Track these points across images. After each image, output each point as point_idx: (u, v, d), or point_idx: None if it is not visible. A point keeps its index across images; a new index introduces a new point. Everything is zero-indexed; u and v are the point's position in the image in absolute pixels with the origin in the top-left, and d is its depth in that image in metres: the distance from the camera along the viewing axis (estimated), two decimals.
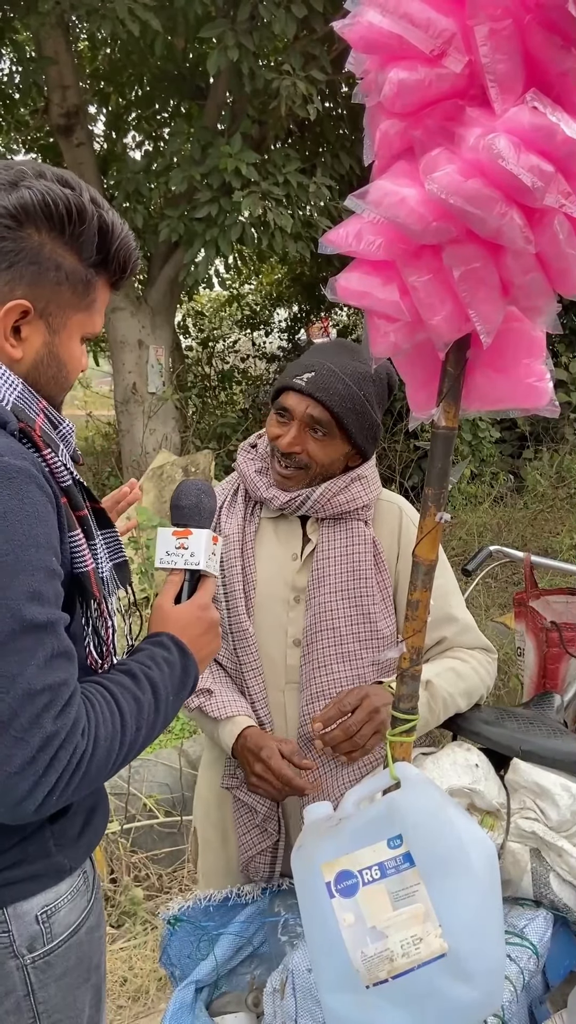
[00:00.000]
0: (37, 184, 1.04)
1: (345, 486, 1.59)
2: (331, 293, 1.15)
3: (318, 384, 1.54)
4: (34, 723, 0.91)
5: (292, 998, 1.31)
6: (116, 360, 7.15)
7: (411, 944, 1.12)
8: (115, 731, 1.01)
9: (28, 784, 0.91)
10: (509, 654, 3.63)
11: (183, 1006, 1.44)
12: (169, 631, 1.16)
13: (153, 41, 5.54)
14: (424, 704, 1.53)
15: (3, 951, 1.08)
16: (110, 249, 1.12)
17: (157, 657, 1.11)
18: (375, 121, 1.08)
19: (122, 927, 2.75)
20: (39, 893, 1.10)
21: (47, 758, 0.92)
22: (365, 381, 1.57)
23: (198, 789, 1.79)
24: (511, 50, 0.96)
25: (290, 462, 1.58)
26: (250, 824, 1.61)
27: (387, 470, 7.19)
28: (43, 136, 7.80)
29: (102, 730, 0.99)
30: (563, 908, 1.43)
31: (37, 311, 1.07)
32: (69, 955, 1.13)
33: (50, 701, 0.93)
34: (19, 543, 0.94)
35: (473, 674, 1.61)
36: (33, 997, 1.10)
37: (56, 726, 0.93)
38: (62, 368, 1.12)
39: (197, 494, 1.25)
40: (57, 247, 1.07)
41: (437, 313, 1.07)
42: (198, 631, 1.18)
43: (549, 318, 1.11)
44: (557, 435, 7.83)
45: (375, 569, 1.61)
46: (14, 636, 0.92)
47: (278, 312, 11.01)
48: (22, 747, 0.90)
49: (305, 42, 5.87)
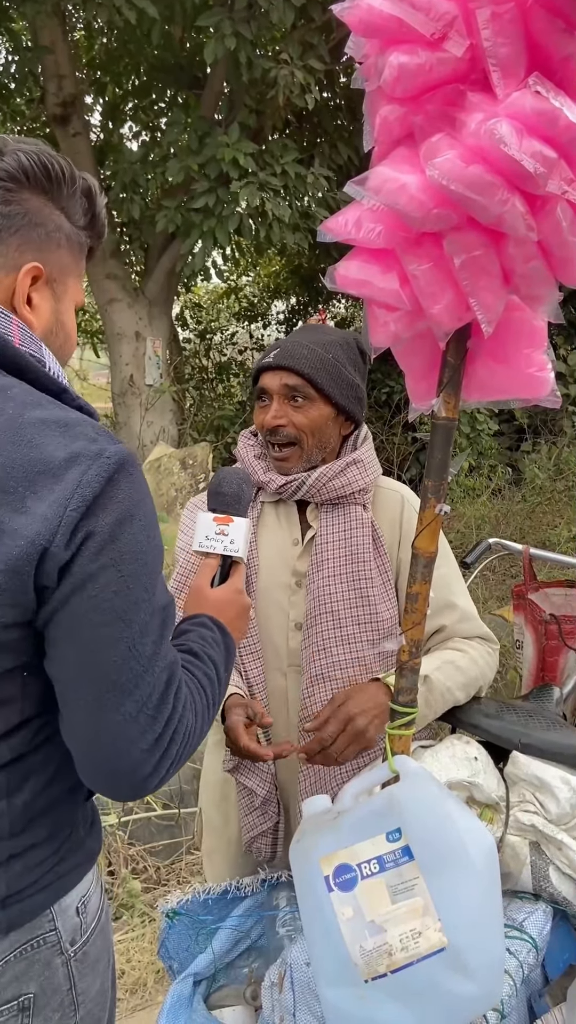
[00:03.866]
0: (26, 147, 1.02)
1: (341, 470, 1.60)
2: (330, 282, 1.14)
3: (285, 355, 1.58)
4: (162, 700, 0.94)
5: (290, 992, 1.30)
6: (113, 352, 7.12)
7: (410, 938, 1.12)
8: (204, 706, 1.05)
9: (155, 760, 0.94)
10: (507, 647, 3.63)
11: (181, 999, 1.44)
12: (208, 612, 1.19)
13: (150, 30, 5.50)
14: (421, 698, 1.52)
15: (51, 950, 1.04)
16: (95, 212, 1.11)
17: (207, 638, 1.14)
18: (375, 106, 1.06)
19: (120, 919, 2.75)
20: (79, 883, 1.09)
21: (170, 733, 0.95)
22: (331, 346, 1.61)
23: (204, 771, 1.81)
24: (513, 34, 0.94)
25: (280, 439, 1.59)
26: (251, 806, 1.63)
27: (385, 463, 7.18)
28: (39, 126, 7.73)
29: (199, 705, 1.03)
30: (562, 901, 1.42)
31: (46, 276, 1.04)
32: (97, 942, 1.12)
33: (170, 678, 0.96)
34: (154, 525, 0.96)
35: (472, 666, 1.61)
36: (75, 991, 1.08)
37: (175, 703, 0.96)
38: (68, 338, 1.10)
39: (239, 483, 1.29)
40: (54, 210, 1.05)
41: (437, 302, 1.06)
42: (233, 613, 1.23)
43: (551, 307, 1.10)
44: (555, 428, 7.81)
45: (374, 553, 1.61)
46: (154, 615, 0.94)
47: (276, 304, 10.97)
48: (154, 724, 0.94)
49: (303, 31, 5.83)
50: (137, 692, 0.92)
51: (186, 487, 5.31)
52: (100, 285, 6.80)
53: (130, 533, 0.92)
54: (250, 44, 5.36)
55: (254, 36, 5.36)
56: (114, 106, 7.67)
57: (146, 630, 0.93)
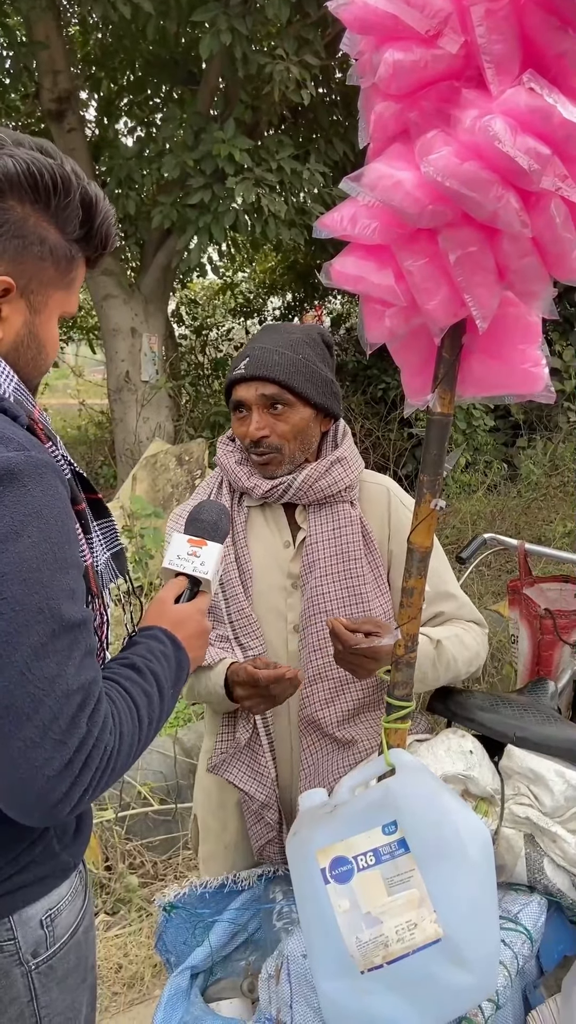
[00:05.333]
0: (20, 153, 0.98)
1: (326, 470, 1.60)
2: (326, 278, 1.14)
3: (257, 364, 1.56)
4: (71, 724, 0.89)
5: (287, 984, 1.31)
6: (109, 348, 7.10)
7: (406, 930, 1.13)
8: (134, 726, 0.99)
9: (65, 787, 0.89)
10: (503, 641, 3.64)
11: (178, 992, 1.44)
12: (164, 625, 1.15)
13: (145, 25, 5.48)
14: (430, 660, 1.55)
15: (8, 959, 1.05)
16: (93, 224, 1.08)
17: (155, 650, 1.10)
18: (370, 103, 1.07)
19: (117, 914, 2.76)
20: (44, 896, 1.08)
21: (83, 759, 0.90)
22: (299, 345, 1.60)
23: (198, 776, 1.79)
24: (508, 31, 0.95)
25: (263, 449, 1.58)
26: (255, 814, 1.62)
27: (381, 459, 7.19)
28: (34, 122, 7.71)
29: (125, 726, 0.97)
30: (557, 893, 1.43)
31: (19, 289, 1.01)
32: (69, 957, 1.12)
33: (84, 700, 0.91)
34: (55, 540, 0.91)
35: (475, 644, 1.65)
36: (36, 1003, 1.08)
37: (89, 726, 0.91)
38: (41, 350, 1.08)
39: (218, 513, 1.29)
40: (41, 220, 1.02)
41: (433, 298, 1.06)
42: (191, 631, 1.18)
43: (545, 303, 1.10)
44: (551, 424, 7.82)
45: (365, 550, 1.62)
46: (54, 636, 0.89)
47: (272, 301, 10.96)
48: (61, 749, 0.88)
49: (299, 26, 5.81)
50: (37, 716, 0.87)
51: (182, 483, 5.31)
52: (96, 281, 6.78)
53: (15, 552, 0.87)
54: (246, 39, 5.35)
55: (249, 31, 5.34)
56: (109, 101, 7.65)
57: (42, 652, 0.88)
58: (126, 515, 4.34)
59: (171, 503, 5.14)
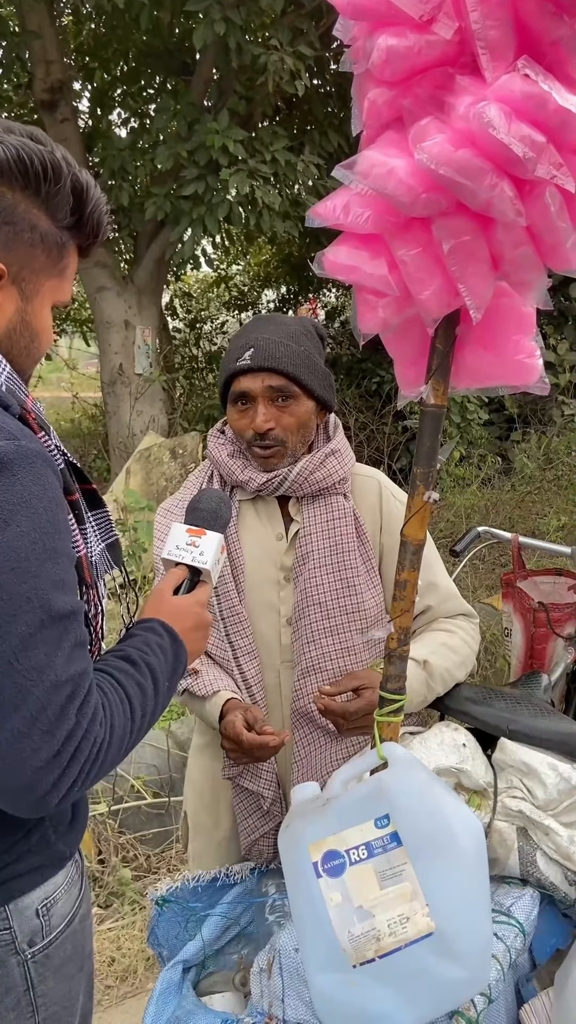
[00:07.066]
0: (9, 139, 0.98)
1: (320, 462, 1.59)
2: (318, 268, 1.13)
3: (263, 355, 1.54)
4: (60, 715, 0.89)
5: (279, 977, 1.31)
6: (102, 341, 7.08)
7: (398, 923, 1.12)
8: (126, 719, 0.99)
9: (53, 777, 0.89)
10: (496, 635, 3.65)
11: (170, 986, 1.44)
12: (162, 618, 1.14)
13: (139, 15, 5.44)
14: (423, 683, 1.54)
15: (4, 948, 1.05)
16: (84, 211, 1.07)
17: (151, 643, 1.09)
18: (363, 90, 1.06)
19: (110, 907, 2.76)
20: (40, 885, 1.08)
21: (71, 750, 0.89)
22: (299, 337, 1.59)
23: (189, 773, 1.78)
24: (502, 16, 0.94)
25: (269, 441, 1.56)
26: (252, 809, 1.62)
27: (375, 452, 7.18)
28: (27, 112, 7.66)
29: (117, 719, 0.97)
30: (549, 886, 1.43)
31: (10, 276, 1.01)
32: (66, 946, 1.12)
33: (73, 692, 0.90)
34: (45, 530, 0.91)
35: (464, 645, 1.64)
36: (33, 991, 1.08)
37: (79, 717, 0.90)
38: (35, 338, 1.07)
39: (217, 502, 1.27)
40: (32, 207, 1.01)
41: (426, 287, 1.05)
42: (190, 624, 1.17)
43: (539, 293, 1.09)
44: (545, 417, 7.82)
45: (358, 542, 1.61)
46: (43, 626, 0.89)
47: (266, 293, 10.93)
48: (49, 740, 0.88)
49: (293, 17, 5.78)
50: (25, 707, 0.87)
51: (176, 476, 5.29)
52: (89, 273, 6.76)
53: (3, 541, 0.87)
54: (240, 30, 5.32)
55: (244, 21, 5.31)
56: (102, 92, 7.60)
57: (30, 642, 0.88)
58: (119, 508, 4.33)
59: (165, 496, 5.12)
